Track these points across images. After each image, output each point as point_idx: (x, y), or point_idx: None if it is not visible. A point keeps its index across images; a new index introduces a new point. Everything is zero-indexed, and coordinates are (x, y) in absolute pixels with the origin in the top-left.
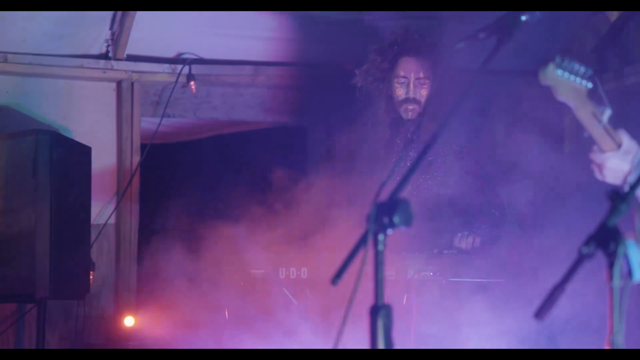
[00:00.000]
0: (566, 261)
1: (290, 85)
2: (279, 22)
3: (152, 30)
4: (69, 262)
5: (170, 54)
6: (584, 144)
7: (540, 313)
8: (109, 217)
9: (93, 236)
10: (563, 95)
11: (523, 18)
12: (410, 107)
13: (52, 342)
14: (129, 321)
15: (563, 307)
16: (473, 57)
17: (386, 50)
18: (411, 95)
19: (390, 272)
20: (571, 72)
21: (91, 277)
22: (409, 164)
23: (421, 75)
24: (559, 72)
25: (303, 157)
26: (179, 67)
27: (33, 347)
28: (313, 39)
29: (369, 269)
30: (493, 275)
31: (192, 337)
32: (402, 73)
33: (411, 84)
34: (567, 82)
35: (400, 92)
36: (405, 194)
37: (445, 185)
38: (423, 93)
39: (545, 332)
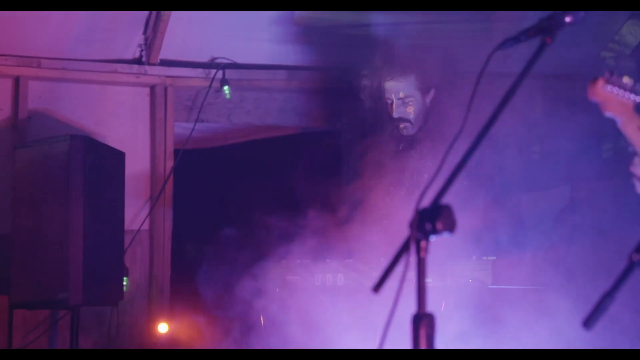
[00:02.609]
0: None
1: (324, 89)
2: (312, 27)
3: (185, 35)
4: (102, 268)
5: (204, 58)
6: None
7: (590, 322)
8: (143, 223)
9: (126, 242)
10: (611, 111)
11: (567, 19)
12: (402, 125)
13: (86, 348)
14: (162, 328)
15: None
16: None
17: (373, 75)
18: (396, 115)
19: (428, 278)
20: (620, 86)
21: (124, 283)
22: (424, 177)
23: (401, 95)
24: (609, 87)
25: (337, 162)
26: (213, 71)
27: None
28: (348, 43)
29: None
30: (533, 282)
31: (225, 344)
32: (386, 95)
33: (394, 104)
34: (616, 97)
35: (391, 112)
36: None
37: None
38: (409, 111)
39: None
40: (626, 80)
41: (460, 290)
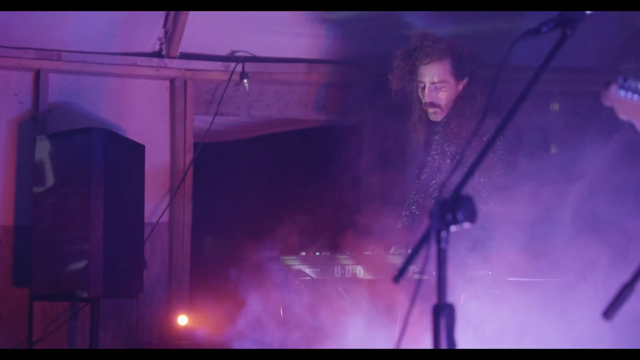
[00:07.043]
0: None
1: (344, 83)
2: (333, 20)
3: (205, 28)
4: (122, 260)
5: (224, 51)
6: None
7: (609, 312)
8: (162, 215)
9: (146, 234)
10: (626, 115)
11: (588, 12)
12: (432, 110)
13: (106, 341)
14: (182, 320)
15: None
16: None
17: (407, 56)
18: (428, 100)
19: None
20: (634, 91)
21: (144, 275)
22: (448, 161)
23: (435, 79)
24: (622, 92)
25: (357, 155)
26: (232, 65)
27: (87, 345)
28: (368, 37)
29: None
30: (552, 274)
31: (245, 336)
32: (419, 78)
33: (426, 89)
34: (630, 101)
35: (422, 96)
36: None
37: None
38: (442, 96)
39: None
40: None
41: (479, 283)
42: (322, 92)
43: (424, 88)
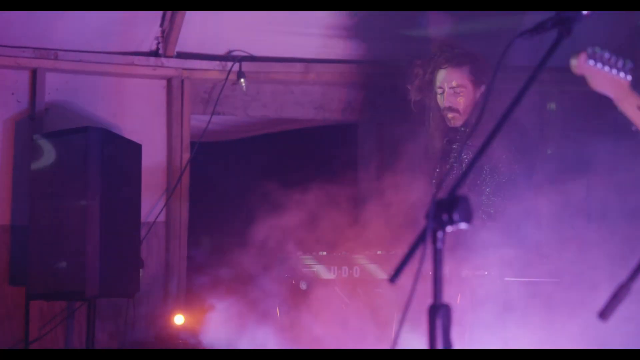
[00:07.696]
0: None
1: (341, 82)
2: (329, 19)
3: (202, 28)
4: (118, 260)
5: (221, 51)
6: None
7: (605, 313)
8: (159, 215)
9: (142, 234)
10: (599, 87)
11: (584, 12)
12: (450, 115)
13: (102, 340)
14: (178, 319)
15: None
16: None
17: (427, 64)
18: (446, 104)
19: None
20: (606, 63)
21: (140, 275)
22: (463, 166)
23: (454, 84)
24: (591, 62)
25: (354, 156)
26: (229, 64)
27: (83, 345)
28: (364, 36)
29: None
30: (549, 275)
31: (243, 336)
32: (438, 84)
33: (445, 93)
34: (601, 72)
35: (440, 102)
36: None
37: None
38: (460, 101)
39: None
40: (615, 59)
41: (476, 283)
42: (319, 91)
43: (442, 93)
